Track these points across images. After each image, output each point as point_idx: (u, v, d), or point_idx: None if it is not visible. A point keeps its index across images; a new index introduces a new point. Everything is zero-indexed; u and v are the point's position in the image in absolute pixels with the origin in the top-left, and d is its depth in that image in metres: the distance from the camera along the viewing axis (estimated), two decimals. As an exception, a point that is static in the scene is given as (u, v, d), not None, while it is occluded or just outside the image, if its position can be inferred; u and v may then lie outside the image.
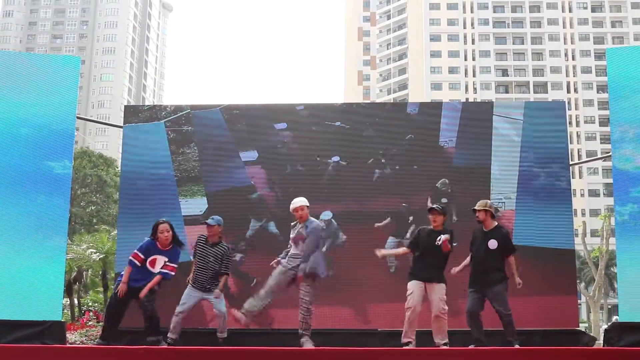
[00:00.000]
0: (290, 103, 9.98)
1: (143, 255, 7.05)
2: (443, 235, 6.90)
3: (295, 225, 7.63)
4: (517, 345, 6.75)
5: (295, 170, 9.36)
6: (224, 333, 7.38)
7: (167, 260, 7.08)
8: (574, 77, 75.52)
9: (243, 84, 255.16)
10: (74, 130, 8.80)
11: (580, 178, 68.07)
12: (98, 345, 6.81)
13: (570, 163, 9.96)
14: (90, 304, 29.84)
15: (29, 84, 8.58)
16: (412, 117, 9.60)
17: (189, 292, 7.35)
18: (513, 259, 7.16)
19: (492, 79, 76.59)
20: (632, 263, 7.93)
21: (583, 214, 63.33)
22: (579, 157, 64.61)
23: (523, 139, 9.17)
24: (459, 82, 76.74)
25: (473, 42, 77.68)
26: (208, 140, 9.47)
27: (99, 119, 70.41)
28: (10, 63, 8.75)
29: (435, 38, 78.01)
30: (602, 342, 8.46)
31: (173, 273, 7.17)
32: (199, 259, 7.39)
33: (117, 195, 33.80)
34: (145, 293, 6.90)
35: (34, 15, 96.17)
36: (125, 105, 10.58)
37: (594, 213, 61.19)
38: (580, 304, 43.65)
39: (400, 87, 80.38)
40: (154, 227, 7.15)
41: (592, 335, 9.35)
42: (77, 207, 40.23)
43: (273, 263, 7.69)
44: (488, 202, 7.32)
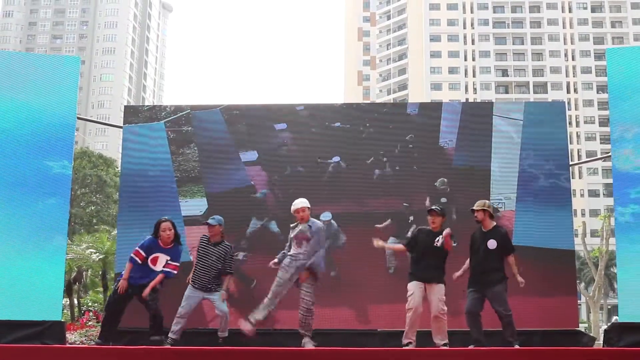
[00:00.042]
0: (290, 103, 9.96)
1: (144, 253, 7.07)
2: (445, 230, 6.94)
3: (296, 226, 7.56)
4: (517, 346, 6.75)
5: (295, 171, 9.35)
6: (225, 332, 7.38)
7: (169, 259, 7.10)
8: (574, 77, 75.55)
9: (243, 84, 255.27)
10: (74, 131, 8.79)
11: (580, 178, 68.07)
12: (98, 346, 6.80)
13: (570, 163, 9.95)
14: (90, 304, 29.82)
15: (29, 84, 8.56)
16: (412, 117, 9.59)
17: (190, 292, 7.35)
18: (513, 259, 7.16)
19: (492, 79, 76.61)
20: (632, 263, 7.92)
21: (583, 214, 63.36)
22: (579, 157, 64.59)
23: (523, 140, 9.17)
24: (459, 82, 76.75)
25: (473, 42, 77.70)
26: (208, 141, 9.47)
27: (99, 119, 70.36)
28: (10, 63, 8.73)
29: (435, 38, 78.03)
30: (601, 342, 8.45)
31: (175, 272, 7.19)
32: (202, 259, 7.38)
33: (117, 196, 33.78)
34: (148, 292, 6.92)
35: (34, 16, 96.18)
36: (125, 106, 10.57)
37: (594, 213, 61.23)
38: (580, 304, 43.64)
39: (400, 87, 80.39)
40: (156, 225, 7.17)
41: (591, 336, 9.35)
42: (77, 207, 40.23)
43: (271, 264, 7.65)
44: (486, 202, 7.32)
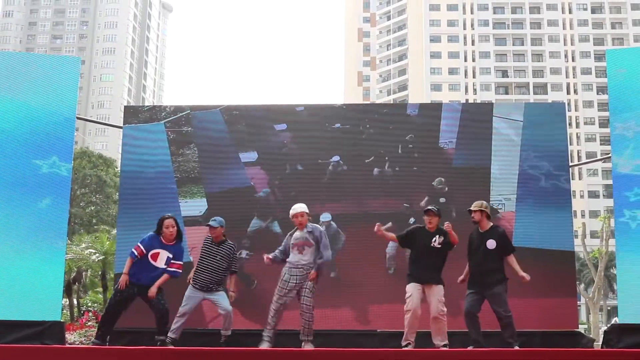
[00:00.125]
0: (290, 104, 9.97)
1: (144, 248, 7.05)
2: (446, 224, 7.02)
3: (295, 232, 7.45)
4: (516, 347, 6.75)
5: (295, 171, 9.35)
6: (229, 331, 7.38)
7: (171, 257, 7.06)
8: (574, 78, 75.57)
9: (243, 85, 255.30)
10: (74, 131, 8.79)
11: (580, 179, 68.08)
12: (97, 346, 6.79)
13: (570, 164, 9.95)
14: (90, 305, 29.83)
15: (29, 85, 8.56)
16: (412, 118, 9.59)
17: (190, 292, 7.34)
18: (513, 258, 7.13)
19: (492, 80, 76.63)
20: (631, 264, 7.92)
21: (583, 216, 63.39)
22: (579, 158, 64.65)
23: (523, 140, 9.16)
24: (459, 83, 76.78)
25: (473, 43, 77.71)
26: (208, 141, 9.47)
27: (99, 120, 70.39)
28: (10, 63, 8.73)
29: (435, 39, 78.04)
30: (601, 343, 8.45)
31: (180, 271, 7.19)
32: (206, 259, 7.37)
33: (116, 196, 33.77)
34: (155, 291, 6.90)
35: (34, 16, 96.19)
36: (125, 106, 10.57)
37: (594, 214, 61.23)
38: (580, 306, 43.64)
39: (400, 88, 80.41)
40: (159, 221, 7.17)
41: (591, 337, 9.35)
42: (76, 207, 40.24)
43: (265, 259, 7.52)
44: (484, 202, 7.31)
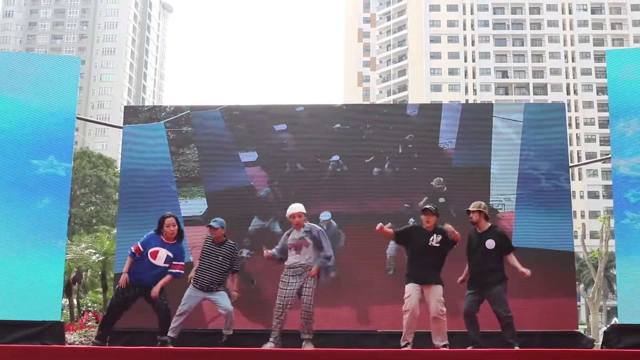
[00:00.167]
0: (290, 104, 9.96)
1: (142, 246, 7.01)
2: (446, 226, 7.02)
3: (292, 232, 7.44)
4: (517, 347, 6.74)
5: (295, 171, 9.35)
6: (230, 331, 7.38)
7: (170, 256, 7.03)
8: (574, 78, 75.59)
9: (243, 85, 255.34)
10: (74, 131, 8.79)
11: (580, 180, 68.08)
12: (97, 346, 6.79)
13: (570, 165, 9.95)
14: (90, 305, 29.85)
15: (29, 85, 8.56)
16: (412, 118, 9.59)
17: (191, 292, 7.34)
18: (513, 256, 7.11)
19: (491, 81, 76.64)
20: (631, 265, 7.93)
21: (582, 216, 63.41)
22: (579, 158, 64.68)
23: (523, 141, 9.16)
24: (459, 83, 76.79)
25: (473, 43, 77.73)
26: (208, 141, 9.47)
27: (99, 120, 70.37)
28: (11, 63, 8.74)
29: (435, 39, 78.06)
30: (601, 343, 8.45)
31: (182, 272, 7.17)
32: (208, 259, 7.37)
33: (116, 196, 33.78)
34: (158, 291, 6.88)
35: (34, 16, 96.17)
36: (125, 106, 10.57)
37: (594, 215, 61.23)
38: (580, 306, 43.65)
39: (400, 88, 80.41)
40: (160, 220, 7.15)
41: (591, 337, 9.35)
42: (76, 207, 40.23)
43: (265, 253, 7.52)
44: (482, 203, 7.31)
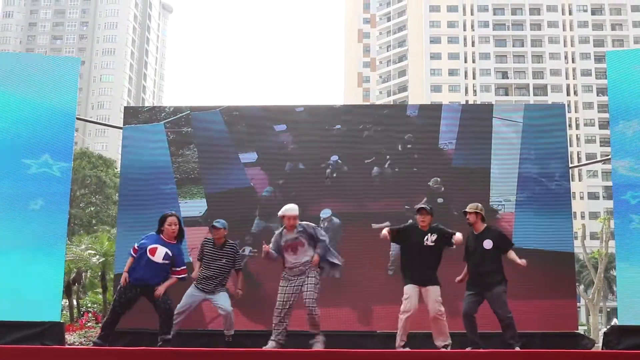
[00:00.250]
0: (290, 105, 9.95)
1: (140, 245, 6.91)
2: (456, 237, 6.99)
3: (282, 233, 7.27)
4: (517, 348, 6.74)
5: (295, 172, 9.35)
6: (231, 331, 7.37)
7: (171, 255, 6.93)
8: (574, 79, 75.61)
9: (243, 86, 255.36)
10: (74, 131, 8.79)
11: (580, 181, 68.10)
12: (97, 347, 6.79)
13: (570, 165, 9.95)
14: (89, 305, 29.85)
15: (29, 85, 8.56)
16: (412, 119, 9.59)
17: (192, 292, 7.33)
18: (512, 252, 7.09)
19: (491, 82, 76.66)
20: (631, 266, 7.92)
21: (582, 217, 63.38)
22: (579, 159, 64.69)
23: (523, 142, 9.16)
24: (459, 84, 76.80)
25: (473, 44, 77.76)
26: (207, 142, 9.47)
27: (99, 120, 70.16)
28: (10, 64, 8.74)
29: (435, 40, 78.08)
30: (601, 345, 8.45)
31: (186, 275, 7.13)
32: (210, 262, 7.37)
33: (116, 197, 33.74)
34: (162, 291, 6.82)
35: (34, 16, 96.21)
36: (125, 107, 10.57)
37: (594, 216, 61.25)
38: (580, 307, 43.65)
39: (400, 89, 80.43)
40: (161, 218, 7.01)
41: (591, 338, 9.33)
42: (76, 208, 40.21)
43: (264, 249, 7.35)
44: (479, 205, 7.31)
